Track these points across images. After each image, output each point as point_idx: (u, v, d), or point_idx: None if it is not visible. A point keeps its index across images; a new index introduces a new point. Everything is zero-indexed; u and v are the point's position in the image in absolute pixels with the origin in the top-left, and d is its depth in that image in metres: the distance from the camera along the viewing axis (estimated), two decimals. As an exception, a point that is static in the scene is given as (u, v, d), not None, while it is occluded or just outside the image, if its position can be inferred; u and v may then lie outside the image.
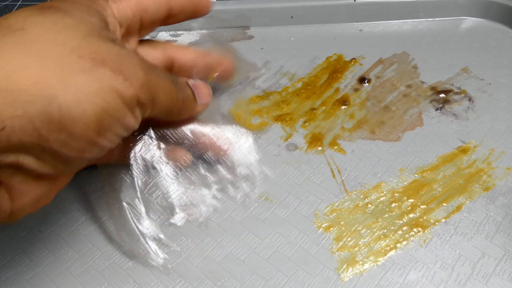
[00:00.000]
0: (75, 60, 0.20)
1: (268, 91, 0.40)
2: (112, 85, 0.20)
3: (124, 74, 0.21)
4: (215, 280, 0.28)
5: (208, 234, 0.30)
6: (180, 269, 0.28)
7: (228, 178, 0.32)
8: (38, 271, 0.28)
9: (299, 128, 0.37)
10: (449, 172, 0.33)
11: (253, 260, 0.29)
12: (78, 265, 0.28)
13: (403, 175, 0.33)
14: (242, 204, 0.31)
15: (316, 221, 0.30)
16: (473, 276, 0.27)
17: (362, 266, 0.28)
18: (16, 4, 0.54)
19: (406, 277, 0.27)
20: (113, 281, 0.28)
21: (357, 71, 0.42)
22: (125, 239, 0.29)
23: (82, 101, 0.20)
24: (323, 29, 0.47)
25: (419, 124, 0.37)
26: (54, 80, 0.19)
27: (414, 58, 0.43)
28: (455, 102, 0.38)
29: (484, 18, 0.47)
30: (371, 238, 0.29)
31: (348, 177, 0.33)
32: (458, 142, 0.35)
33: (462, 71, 0.41)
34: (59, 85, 0.19)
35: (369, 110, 0.38)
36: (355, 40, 0.45)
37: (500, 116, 0.37)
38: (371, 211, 0.31)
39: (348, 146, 0.35)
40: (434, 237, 0.29)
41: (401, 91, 0.39)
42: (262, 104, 0.38)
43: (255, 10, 0.46)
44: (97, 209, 0.31)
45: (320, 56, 0.43)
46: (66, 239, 0.30)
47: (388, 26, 0.47)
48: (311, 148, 0.35)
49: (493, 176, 0.32)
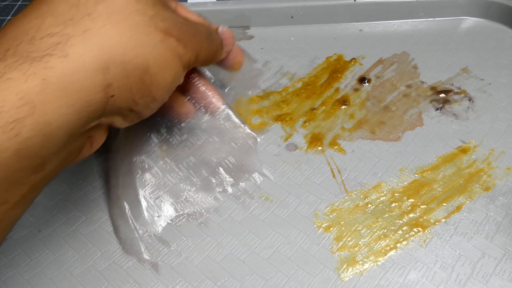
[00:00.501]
0: (154, 31, 0.22)
1: (268, 91, 0.40)
2: (177, 53, 0.23)
3: (183, 42, 0.24)
4: (215, 280, 0.28)
5: (208, 234, 0.30)
6: (180, 269, 0.28)
7: (229, 180, 0.32)
8: (38, 271, 0.28)
9: (299, 128, 0.37)
10: (449, 172, 0.33)
11: (253, 260, 0.28)
12: (78, 265, 0.28)
13: (403, 175, 0.33)
14: (242, 204, 0.31)
15: (316, 221, 0.30)
16: (473, 276, 0.27)
17: (362, 266, 0.28)
18: (16, 4, 0.54)
19: (406, 277, 0.27)
20: (113, 281, 0.28)
21: (357, 71, 0.42)
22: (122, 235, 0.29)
23: (164, 69, 0.23)
24: (323, 29, 0.47)
25: (419, 124, 0.37)
26: (146, 51, 0.22)
27: (414, 58, 0.43)
28: (455, 102, 0.38)
29: (484, 18, 0.47)
30: (371, 238, 0.29)
31: (348, 177, 0.33)
32: (458, 142, 0.35)
33: (462, 71, 0.41)
34: (149, 56, 0.22)
35: (369, 110, 0.38)
36: (355, 40, 0.45)
37: (500, 116, 0.37)
38: (371, 211, 0.31)
39: (348, 146, 0.35)
40: (434, 237, 0.29)
41: (401, 91, 0.39)
42: (262, 104, 0.38)
43: (255, 10, 0.46)
44: (97, 209, 0.31)
45: (320, 56, 0.43)
46: (66, 239, 0.30)
47: (388, 26, 0.47)
48: (311, 148, 0.35)
49: (493, 176, 0.32)
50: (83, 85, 0.20)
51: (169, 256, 0.29)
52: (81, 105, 0.20)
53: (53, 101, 0.19)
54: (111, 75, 0.21)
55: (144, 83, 0.22)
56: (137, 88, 0.22)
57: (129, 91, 0.22)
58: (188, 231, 0.30)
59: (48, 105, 0.19)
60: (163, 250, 0.29)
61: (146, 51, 0.22)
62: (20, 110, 0.18)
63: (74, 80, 0.19)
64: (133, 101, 0.22)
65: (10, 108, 0.18)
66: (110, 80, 0.21)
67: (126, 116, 0.24)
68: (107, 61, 0.20)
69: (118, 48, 0.21)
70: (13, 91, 0.18)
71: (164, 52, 0.23)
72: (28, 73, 0.18)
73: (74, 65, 0.19)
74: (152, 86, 0.23)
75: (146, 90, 0.22)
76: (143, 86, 0.22)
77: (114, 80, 0.21)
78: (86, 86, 0.20)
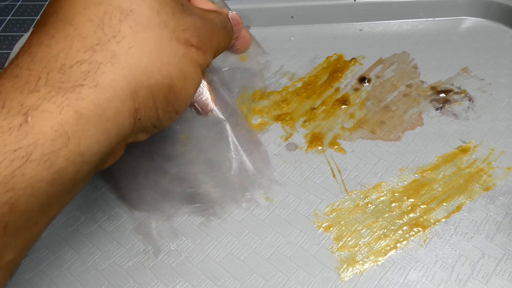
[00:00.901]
0: (176, 46, 0.22)
1: (268, 91, 0.40)
2: (197, 62, 0.23)
3: (203, 49, 0.24)
4: (215, 280, 0.28)
5: (208, 234, 0.30)
6: (180, 269, 0.28)
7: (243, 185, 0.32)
8: (38, 271, 0.28)
9: (299, 127, 0.37)
10: (449, 172, 0.33)
11: (253, 260, 0.28)
12: (78, 265, 0.28)
13: (403, 175, 0.33)
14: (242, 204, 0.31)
15: (316, 221, 0.30)
16: (473, 276, 0.27)
17: (362, 266, 0.28)
18: (16, 4, 0.54)
19: (406, 277, 0.27)
20: (113, 281, 0.28)
21: (357, 71, 0.42)
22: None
23: (186, 83, 0.23)
24: (323, 29, 0.47)
25: (419, 123, 0.37)
26: (171, 69, 0.22)
27: (414, 58, 0.43)
28: (455, 102, 0.38)
29: (484, 18, 0.47)
30: (371, 238, 0.29)
31: (348, 177, 0.33)
32: (458, 142, 0.35)
33: (462, 71, 0.41)
34: (173, 73, 0.22)
35: (369, 109, 0.38)
36: (355, 40, 0.45)
37: (500, 116, 0.37)
38: (371, 210, 0.31)
39: (348, 145, 0.35)
40: (434, 237, 0.29)
41: (401, 91, 0.39)
42: (263, 104, 0.38)
43: (255, 10, 0.46)
44: (97, 209, 0.31)
45: (320, 56, 0.43)
46: (66, 239, 0.30)
47: (388, 26, 0.47)
48: (311, 148, 0.35)
49: (493, 176, 0.32)
50: (114, 113, 0.20)
51: (169, 256, 0.29)
52: (112, 133, 0.20)
53: (85, 132, 0.19)
54: (139, 100, 0.21)
55: (169, 101, 0.22)
56: (162, 107, 0.22)
57: (154, 111, 0.22)
58: (188, 231, 0.30)
59: (81, 136, 0.19)
60: (163, 250, 0.29)
61: (170, 69, 0.22)
62: (55, 142, 0.18)
63: (106, 110, 0.20)
64: (157, 119, 0.23)
65: (45, 140, 0.18)
66: (138, 105, 0.21)
67: (149, 132, 0.24)
68: (136, 87, 0.20)
69: (146, 72, 0.21)
70: (48, 124, 0.18)
71: (187, 66, 0.23)
72: (62, 105, 0.19)
73: (105, 95, 0.20)
74: (176, 102, 0.23)
75: (169, 107, 0.23)
76: (167, 104, 0.22)
77: (142, 104, 0.21)
78: (116, 113, 0.20)
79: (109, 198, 0.32)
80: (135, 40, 0.21)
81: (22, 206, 0.18)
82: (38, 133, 0.18)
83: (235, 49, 0.31)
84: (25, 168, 0.17)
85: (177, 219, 0.31)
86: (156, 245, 0.29)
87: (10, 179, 0.17)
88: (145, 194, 0.31)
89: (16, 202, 0.17)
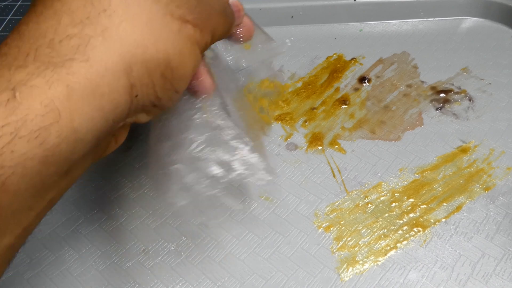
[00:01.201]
0: (170, 21, 0.21)
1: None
2: (195, 40, 0.23)
3: (200, 26, 0.23)
4: (215, 280, 0.28)
5: (208, 234, 0.30)
6: (180, 269, 0.28)
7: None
8: (38, 271, 0.28)
9: (299, 127, 0.37)
10: (449, 171, 0.33)
11: (253, 260, 0.28)
12: (78, 265, 0.28)
13: (403, 175, 0.33)
14: (242, 204, 0.31)
15: (316, 221, 0.30)
16: (473, 276, 0.27)
17: (362, 266, 0.28)
18: (16, 4, 0.54)
19: (406, 277, 0.27)
20: (113, 281, 0.28)
21: (357, 71, 0.42)
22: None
23: (184, 60, 0.22)
24: (323, 29, 0.47)
25: (419, 123, 0.37)
26: (166, 45, 0.21)
27: (414, 58, 0.43)
28: (455, 102, 0.38)
29: (484, 18, 0.47)
30: (371, 238, 0.29)
31: (348, 177, 0.33)
32: (458, 141, 0.35)
33: (462, 71, 0.41)
34: (169, 49, 0.21)
35: (369, 109, 0.38)
36: (355, 40, 0.45)
37: (500, 116, 0.37)
38: (371, 210, 0.31)
39: (348, 145, 0.35)
40: (434, 237, 0.29)
41: (401, 91, 0.39)
42: (261, 105, 0.38)
43: (255, 10, 0.46)
44: (97, 209, 0.31)
45: (320, 56, 0.43)
46: (66, 239, 0.30)
47: (388, 26, 0.47)
48: (311, 148, 0.35)
49: (493, 176, 0.32)
50: (107, 89, 0.19)
51: (169, 256, 0.29)
52: (107, 110, 0.20)
53: (78, 108, 0.18)
54: (134, 76, 0.20)
55: (166, 78, 0.22)
56: (159, 84, 0.21)
57: (152, 89, 0.21)
58: (188, 231, 0.30)
59: (74, 111, 0.18)
60: (163, 250, 0.29)
61: (166, 45, 0.21)
62: (45, 118, 0.17)
63: (98, 85, 0.19)
64: (156, 97, 0.22)
65: (35, 116, 0.17)
66: (134, 81, 0.20)
67: (150, 112, 0.23)
68: (129, 62, 0.20)
69: (139, 47, 0.20)
70: (37, 99, 0.18)
71: (183, 42, 0.22)
72: (51, 80, 0.18)
73: (97, 70, 0.19)
74: (173, 79, 0.22)
75: (168, 84, 0.22)
76: (165, 81, 0.22)
77: (137, 80, 0.20)
78: (110, 90, 0.19)
79: (109, 198, 0.32)
80: (126, 14, 0.20)
81: (13, 186, 0.17)
82: (27, 108, 0.17)
83: (238, 38, 0.30)
84: (14, 144, 0.17)
85: (177, 219, 0.31)
86: (156, 245, 0.29)
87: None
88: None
89: (6, 181, 0.17)
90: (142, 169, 0.34)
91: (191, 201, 0.27)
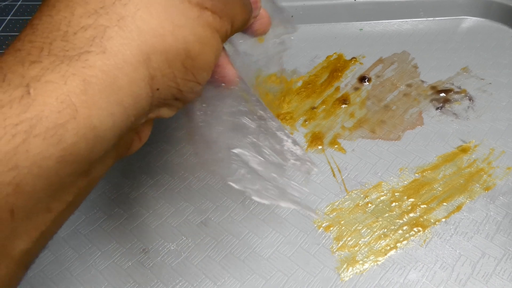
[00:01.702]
0: (189, 8, 0.20)
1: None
2: (214, 27, 0.22)
3: (218, 13, 0.22)
4: (215, 280, 0.28)
5: (208, 234, 0.30)
6: (180, 269, 0.28)
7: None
8: (38, 271, 0.28)
9: (299, 127, 0.37)
10: (449, 171, 0.33)
11: (253, 259, 0.28)
12: (78, 265, 0.28)
13: (404, 175, 0.33)
14: (242, 203, 0.31)
15: (316, 221, 0.30)
16: (473, 275, 0.27)
17: (362, 266, 0.28)
18: (16, 4, 0.54)
19: (406, 276, 0.27)
20: (113, 281, 0.28)
21: (357, 70, 0.42)
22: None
23: (204, 49, 0.21)
24: (323, 28, 0.47)
25: (419, 123, 0.37)
26: (185, 33, 0.20)
27: (414, 58, 0.43)
28: (455, 102, 0.38)
29: (484, 18, 0.47)
30: (371, 238, 0.29)
31: (348, 176, 0.33)
32: (458, 141, 0.35)
33: (462, 70, 0.41)
34: (189, 37, 0.20)
35: (369, 109, 0.38)
36: (355, 39, 0.45)
37: (500, 115, 0.37)
38: (371, 210, 0.31)
39: (349, 145, 0.35)
40: (434, 236, 0.29)
41: (401, 90, 0.39)
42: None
43: (255, 10, 0.46)
44: (97, 209, 0.31)
45: (320, 55, 0.43)
46: (66, 239, 0.30)
47: (388, 25, 0.47)
48: (311, 147, 0.35)
49: (493, 176, 0.32)
50: (126, 82, 0.18)
51: (169, 256, 0.29)
52: (127, 104, 0.19)
53: (96, 103, 0.17)
54: (154, 67, 0.19)
55: (187, 68, 0.21)
56: (181, 75, 0.20)
57: (173, 80, 0.20)
58: (188, 231, 0.30)
59: (91, 107, 0.17)
60: (163, 250, 0.29)
61: (185, 32, 0.20)
62: (61, 114, 0.17)
63: (117, 78, 0.18)
64: (177, 90, 0.21)
65: (50, 113, 0.16)
66: (154, 72, 0.19)
67: (172, 106, 0.22)
68: (148, 52, 0.19)
69: (157, 36, 0.19)
70: (53, 95, 0.17)
71: (203, 30, 0.21)
72: (67, 74, 0.17)
73: (114, 62, 0.18)
74: (194, 69, 0.21)
75: (189, 75, 0.21)
76: (186, 72, 0.21)
77: (158, 71, 0.19)
78: (129, 83, 0.18)
79: (109, 198, 0.32)
80: (142, 2, 0.19)
81: (29, 187, 0.16)
82: (42, 105, 0.16)
83: (254, 30, 0.29)
84: (29, 143, 0.16)
85: (177, 219, 0.31)
86: (156, 245, 0.29)
87: (12, 156, 0.16)
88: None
89: (21, 183, 0.16)
90: (142, 169, 0.34)
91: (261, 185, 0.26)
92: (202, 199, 0.32)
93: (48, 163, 0.16)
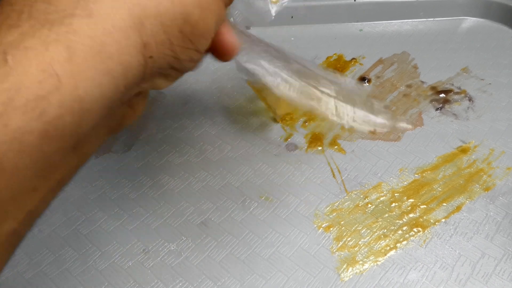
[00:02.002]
0: None
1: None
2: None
3: None
4: (215, 280, 0.28)
5: (208, 234, 0.30)
6: (180, 269, 0.28)
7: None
8: (38, 271, 0.28)
9: (299, 127, 0.37)
10: (449, 172, 0.33)
11: (253, 259, 0.28)
12: (78, 265, 0.28)
13: (403, 175, 0.33)
14: (242, 204, 0.31)
15: (316, 221, 0.30)
16: (473, 276, 0.27)
17: (362, 266, 0.28)
18: (16, 4, 0.54)
19: (406, 277, 0.27)
20: (113, 281, 0.28)
21: (357, 71, 0.42)
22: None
23: (205, 14, 0.19)
24: (323, 29, 0.47)
25: (419, 124, 0.37)
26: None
27: (414, 58, 0.43)
28: (455, 102, 0.38)
29: (484, 18, 0.47)
30: (371, 238, 0.29)
31: (348, 177, 0.33)
32: (458, 142, 0.35)
33: (462, 71, 0.41)
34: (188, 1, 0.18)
35: (369, 110, 0.38)
36: (355, 40, 0.45)
37: (500, 116, 0.37)
38: (371, 211, 0.31)
39: (348, 146, 0.35)
40: (434, 237, 0.29)
41: (401, 91, 0.39)
42: (261, 105, 0.38)
43: (255, 10, 0.46)
44: (97, 209, 0.31)
45: (320, 56, 0.43)
46: (66, 239, 0.30)
47: (388, 26, 0.47)
48: (311, 148, 0.35)
49: (493, 176, 0.32)
50: (115, 49, 0.17)
51: (169, 256, 0.29)
52: (117, 74, 0.17)
53: (81, 72, 0.16)
54: (147, 33, 0.18)
55: (185, 35, 0.19)
56: (178, 43, 0.19)
57: (169, 48, 0.19)
58: (188, 231, 0.30)
59: (77, 77, 0.16)
60: (163, 250, 0.29)
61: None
62: (43, 85, 0.15)
63: (105, 45, 0.16)
64: (174, 58, 0.19)
65: (31, 83, 0.15)
66: (147, 39, 0.18)
67: (168, 76, 0.20)
68: (140, 16, 0.17)
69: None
70: (33, 63, 0.15)
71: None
72: (48, 40, 0.15)
73: (102, 27, 0.16)
74: (193, 36, 0.19)
75: (187, 42, 0.19)
76: (183, 39, 0.19)
77: (151, 38, 0.18)
78: (119, 50, 0.17)
79: (109, 198, 0.32)
80: None
81: (10, 164, 0.15)
82: (21, 74, 0.15)
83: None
84: (8, 117, 0.14)
85: (177, 219, 0.31)
86: (156, 245, 0.29)
87: None
88: None
89: (2, 159, 0.14)
90: (142, 169, 0.34)
91: None
92: (202, 199, 0.32)
93: (30, 138, 0.15)
